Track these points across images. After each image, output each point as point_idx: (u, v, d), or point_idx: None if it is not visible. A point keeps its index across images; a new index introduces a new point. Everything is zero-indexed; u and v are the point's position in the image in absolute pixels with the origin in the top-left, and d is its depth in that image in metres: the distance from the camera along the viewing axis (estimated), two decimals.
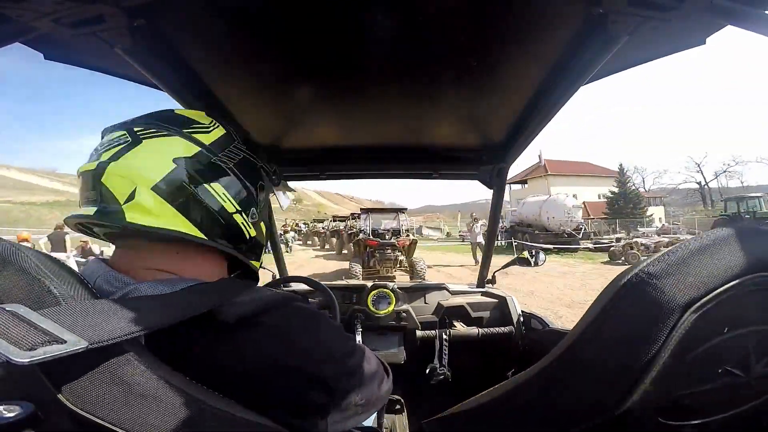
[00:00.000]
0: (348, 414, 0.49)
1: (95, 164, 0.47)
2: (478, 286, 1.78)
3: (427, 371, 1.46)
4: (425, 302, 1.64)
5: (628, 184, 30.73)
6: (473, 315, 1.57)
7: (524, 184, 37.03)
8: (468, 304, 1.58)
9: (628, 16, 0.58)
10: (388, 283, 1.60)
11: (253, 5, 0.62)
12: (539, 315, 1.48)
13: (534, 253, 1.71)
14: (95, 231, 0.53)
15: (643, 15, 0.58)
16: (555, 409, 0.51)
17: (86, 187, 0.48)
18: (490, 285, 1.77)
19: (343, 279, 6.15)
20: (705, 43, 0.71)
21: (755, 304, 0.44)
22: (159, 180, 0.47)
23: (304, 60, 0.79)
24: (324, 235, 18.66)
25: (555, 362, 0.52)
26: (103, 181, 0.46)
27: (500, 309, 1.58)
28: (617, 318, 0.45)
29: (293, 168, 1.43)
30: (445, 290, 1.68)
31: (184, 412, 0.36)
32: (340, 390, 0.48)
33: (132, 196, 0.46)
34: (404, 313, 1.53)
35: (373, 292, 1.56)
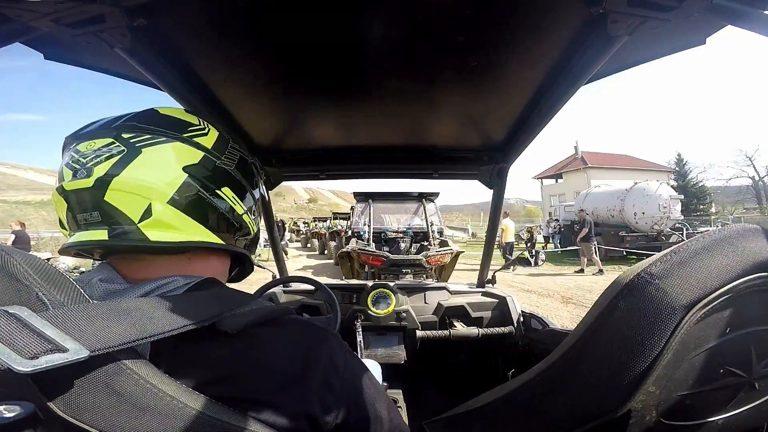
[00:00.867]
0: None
1: (91, 181, 0.42)
2: (478, 286, 1.78)
3: None
4: (425, 302, 1.64)
5: (689, 177, 27.90)
6: (473, 315, 1.57)
7: (559, 179, 31.93)
8: (468, 304, 1.58)
9: (628, 16, 0.58)
10: (388, 282, 1.60)
11: (253, 6, 0.62)
12: (539, 315, 1.48)
13: (534, 254, 1.71)
14: (96, 252, 0.49)
15: (643, 15, 0.58)
16: (557, 409, 0.51)
17: (81, 207, 0.43)
18: (490, 285, 1.77)
19: (343, 278, 4.98)
20: (705, 43, 0.71)
21: (757, 304, 0.44)
22: (174, 192, 0.45)
23: (304, 60, 0.79)
24: (324, 237, 15.31)
25: (557, 362, 0.52)
26: (106, 199, 0.42)
27: (500, 309, 1.58)
28: (619, 318, 0.45)
29: (293, 168, 1.43)
30: (445, 290, 1.68)
31: (180, 422, 0.36)
32: (340, 410, 0.45)
33: (148, 213, 0.43)
34: (404, 313, 1.53)
35: (373, 292, 1.56)
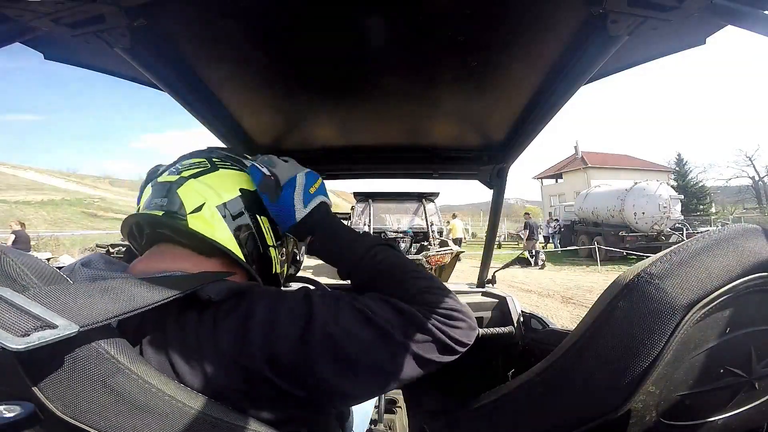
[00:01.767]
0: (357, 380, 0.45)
1: (176, 177, 0.55)
2: (478, 286, 1.78)
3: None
4: None
5: (689, 177, 27.92)
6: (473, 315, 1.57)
7: (559, 179, 31.61)
8: (468, 304, 1.58)
9: (628, 16, 0.58)
10: None
11: (253, 5, 0.62)
12: (539, 315, 1.48)
13: (534, 254, 1.70)
14: (145, 235, 0.57)
15: (643, 15, 0.58)
16: (557, 409, 0.51)
17: (158, 194, 0.55)
18: (490, 285, 1.77)
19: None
20: (705, 43, 0.71)
21: (757, 304, 0.44)
22: (224, 202, 0.56)
23: (304, 60, 0.79)
24: None
25: (557, 362, 0.52)
26: (178, 191, 0.54)
27: (500, 309, 1.58)
28: (619, 318, 0.45)
29: None
30: None
31: (179, 422, 0.36)
32: (317, 363, 0.43)
33: (199, 208, 0.54)
34: None
35: None
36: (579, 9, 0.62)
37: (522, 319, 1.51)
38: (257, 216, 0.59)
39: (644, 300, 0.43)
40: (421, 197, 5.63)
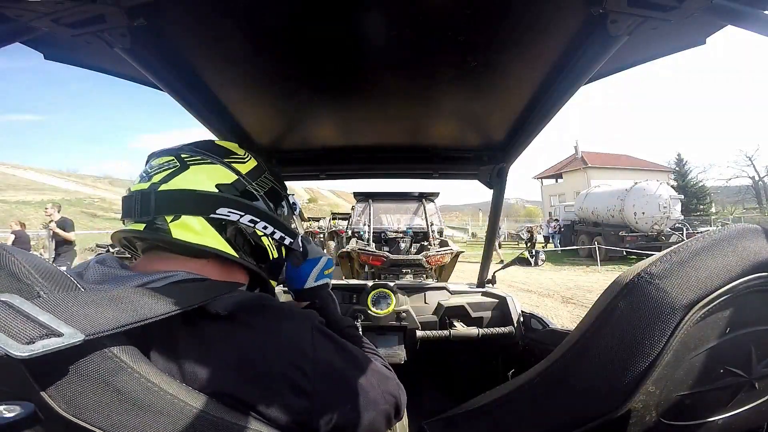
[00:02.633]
0: (336, 419, 0.47)
1: (147, 185, 0.53)
2: (478, 286, 1.78)
3: None
4: (425, 302, 1.64)
5: (689, 177, 27.71)
6: (473, 315, 1.57)
7: (559, 179, 31.74)
8: (468, 304, 1.58)
9: (628, 16, 0.58)
10: (388, 282, 1.60)
11: (253, 5, 0.62)
12: (539, 315, 1.48)
13: (534, 254, 1.71)
14: (137, 246, 0.57)
15: (643, 15, 0.58)
16: (557, 409, 0.51)
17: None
18: (490, 285, 1.77)
19: (343, 278, 4.74)
20: (705, 43, 0.71)
21: (757, 304, 0.44)
22: None
23: (304, 60, 0.79)
24: (317, 236, 13.21)
25: (557, 362, 0.52)
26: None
27: (500, 309, 1.58)
28: (619, 318, 0.45)
29: (293, 168, 1.43)
30: (445, 290, 1.68)
31: (181, 421, 0.36)
32: (318, 393, 0.46)
33: (179, 215, 0.51)
34: (404, 313, 1.53)
35: (373, 292, 1.56)
36: (579, 9, 0.62)
37: (522, 319, 1.51)
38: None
39: (644, 300, 0.43)
40: (421, 197, 5.63)
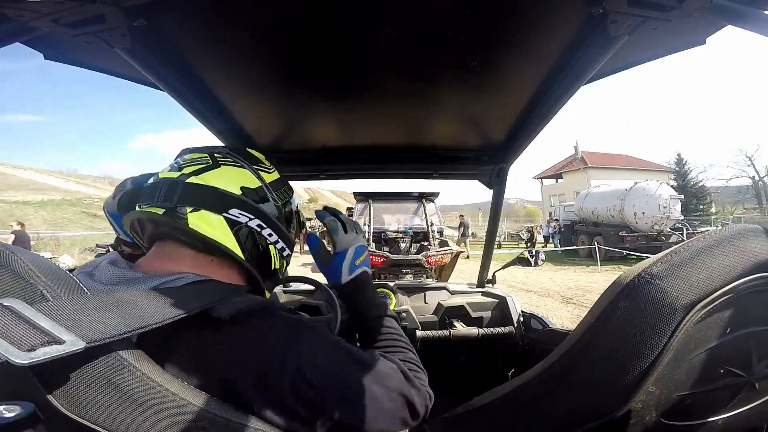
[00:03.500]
0: (336, 423, 0.47)
1: (177, 174, 0.55)
2: (478, 286, 1.78)
3: None
4: (425, 302, 1.64)
5: (689, 177, 27.63)
6: (473, 315, 1.57)
7: (559, 179, 31.93)
8: (468, 304, 1.58)
9: (628, 16, 0.58)
10: (388, 282, 1.60)
11: (253, 5, 0.62)
12: (539, 315, 1.48)
13: (534, 254, 1.70)
14: (146, 231, 0.58)
15: (643, 15, 0.58)
16: (557, 409, 0.51)
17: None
18: (490, 285, 1.77)
19: None
20: (705, 43, 0.71)
21: (757, 304, 0.44)
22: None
23: (304, 60, 0.78)
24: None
25: (557, 362, 0.52)
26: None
27: (500, 309, 1.58)
28: (620, 318, 0.45)
29: (293, 168, 1.43)
30: (445, 290, 1.68)
31: (183, 419, 0.36)
32: (319, 404, 0.46)
33: (199, 207, 0.53)
34: (404, 313, 1.53)
35: None
36: (579, 9, 0.62)
37: (522, 319, 1.51)
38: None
39: (645, 300, 0.43)
40: (421, 197, 5.62)
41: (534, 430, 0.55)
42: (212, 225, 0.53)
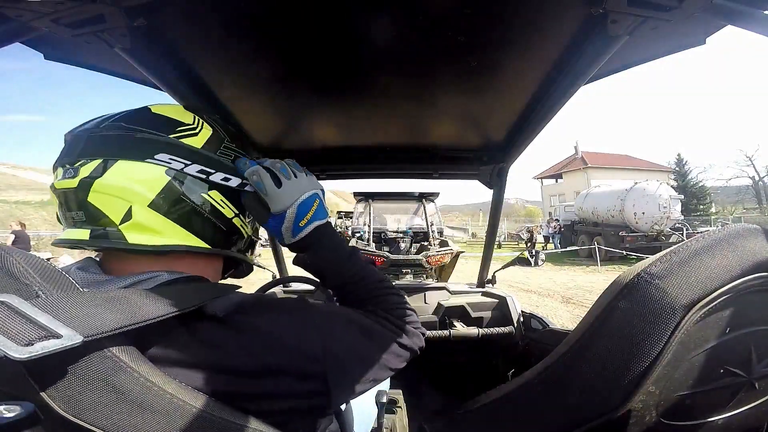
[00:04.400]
0: (355, 384, 0.49)
1: (76, 182, 0.43)
2: (478, 286, 1.78)
3: None
4: (425, 302, 1.64)
5: (689, 177, 27.54)
6: (473, 315, 1.57)
7: (559, 179, 31.89)
8: (468, 304, 1.58)
9: (628, 16, 0.58)
10: None
11: (253, 5, 0.62)
12: (539, 315, 1.48)
13: (534, 254, 1.71)
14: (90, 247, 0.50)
15: (643, 15, 0.58)
16: (557, 409, 0.51)
17: (68, 206, 0.44)
18: (490, 285, 1.77)
19: None
20: (705, 43, 0.71)
21: (757, 304, 0.44)
22: (155, 196, 0.44)
23: (304, 60, 0.78)
24: None
25: (557, 362, 0.52)
26: (90, 200, 0.43)
27: (500, 309, 1.58)
28: (619, 318, 0.45)
29: None
30: (445, 290, 1.68)
31: (181, 420, 0.36)
32: (332, 370, 0.46)
33: (128, 215, 0.43)
34: None
35: None
36: (579, 9, 0.62)
37: (522, 319, 1.51)
38: (203, 194, 0.48)
39: (644, 300, 0.43)
40: (421, 197, 5.62)
41: (534, 430, 0.55)
42: (156, 231, 0.46)
